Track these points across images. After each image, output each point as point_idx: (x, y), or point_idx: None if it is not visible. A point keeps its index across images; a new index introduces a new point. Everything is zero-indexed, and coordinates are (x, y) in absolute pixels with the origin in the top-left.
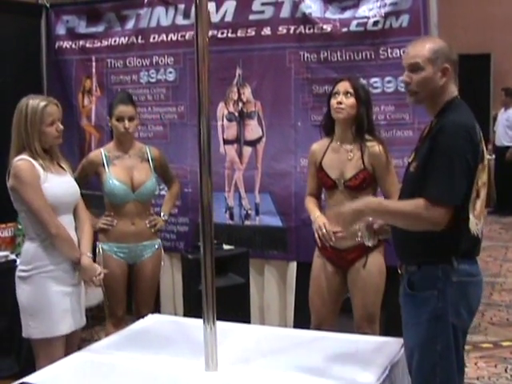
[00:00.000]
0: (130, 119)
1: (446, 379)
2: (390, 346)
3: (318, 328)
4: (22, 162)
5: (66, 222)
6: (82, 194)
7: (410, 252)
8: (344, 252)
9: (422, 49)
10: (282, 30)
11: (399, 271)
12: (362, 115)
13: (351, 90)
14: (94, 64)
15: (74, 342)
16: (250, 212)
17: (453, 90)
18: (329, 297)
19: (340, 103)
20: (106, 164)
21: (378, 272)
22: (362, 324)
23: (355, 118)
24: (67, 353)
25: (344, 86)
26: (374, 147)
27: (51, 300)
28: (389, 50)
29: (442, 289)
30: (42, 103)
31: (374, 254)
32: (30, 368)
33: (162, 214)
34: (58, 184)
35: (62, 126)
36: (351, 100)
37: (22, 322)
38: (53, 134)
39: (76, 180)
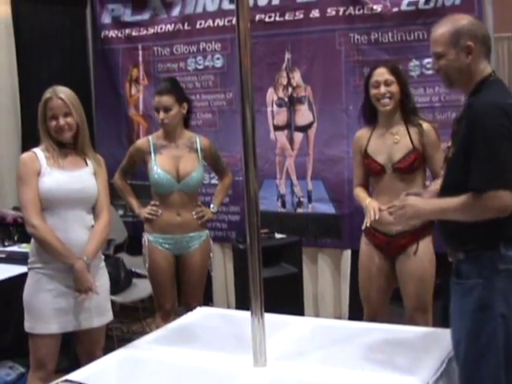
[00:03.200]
0: (166, 110)
1: (491, 373)
2: (447, 338)
3: (372, 319)
4: (25, 154)
5: (69, 218)
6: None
7: (457, 239)
8: (394, 238)
9: (441, 33)
10: (331, 11)
11: (449, 259)
12: (407, 99)
13: (391, 77)
14: (140, 52)
15: (91, 340)
16: (302, 199)
17: (483, 68)
18: (380, 285)
19: (384, 94)
20: (152, 152)
21: (429, 259)
22: (415, 314)
23: (399, 102)
24: (87, 351)
25: (382, 74)
26: (423, 126)
27: (42, 297)
28: None
29: (488, 277)
30: (46, 96)
31: (424, 240)
32: (78, 363)
33: (211, 206)
34: (58, 179)
35: (62, 122)
36: (393, 88)
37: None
38: (52, 129)
39: (124, 168)
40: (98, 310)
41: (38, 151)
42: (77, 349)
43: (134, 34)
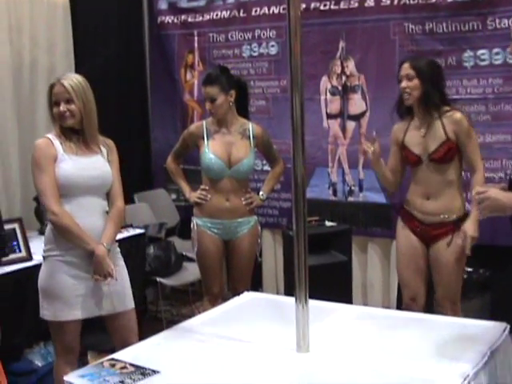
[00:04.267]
0: (212, 100)
1: None
2: (491, 331)
3: (413, 301)
4: (40, 140)
5: (86, 204)
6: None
7: None
8: (429, 227)
9: None
10: (386, 0)
11: None
12: (428, 92)
13: (411, 72)
14: (196, 38)
15: (121, 326)
16: (353, 188)
17: None
18: (418, 266)
19: (405, 88)
20: (205, 137)
21: (462, 253)
22: (445, 303)
23: (422, 96)
24: (120, 339)
25: (404, 69)
26: (454, 115)
27: (62, 284)
28: (497, 20)
29: None
30: (51, 82)
31: (457, 234)
32: None
33: (260, 193)
34: (75, 165)
35: (62, 108)
36: (414, 82)
37: (39, 302)
38: (56, 115)
39: (177, 152)
40: (119, 295)
41: (52, 137)
42: (112, 338)
43: (189, 20)
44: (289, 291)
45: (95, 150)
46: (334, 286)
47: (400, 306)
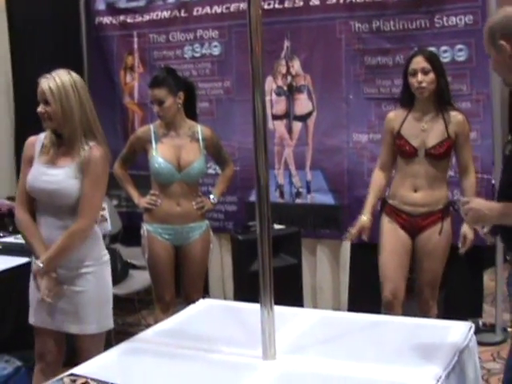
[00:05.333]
0: (160, 103)
1: None
2: (457, 331)
3: (391, 299)
4: (30, 138)
5: (43, 217)
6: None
7: None
8: (418, 218)
9: (484, 37)
10: None
11: (507, 257)
12: (443, 87)
13: (428, 65)
14: (135, 40)
15: (81, 347)
16: (301, 190)
17: None
18: (403, 261)
19: (421, 82)
20: (153, 141)
21: (448, 239)
22: (425, 289)
23: (436, 90)
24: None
25: (419, 62)
26: (458, 116)
27: (30, 288)
28: (444, 18)
29: None
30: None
31: (447, 220)
32: None
33: (211, 197)
34: (35, 174)
35: (40, 109)
36: (431, 76)
37: None
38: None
39: (124, 157)
40: (73, 317)
41: (42, 135)
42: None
43: (128, 20)
44: (238, 297)
45: (68, 161)
46: (284, 289)
47: (352, 307)
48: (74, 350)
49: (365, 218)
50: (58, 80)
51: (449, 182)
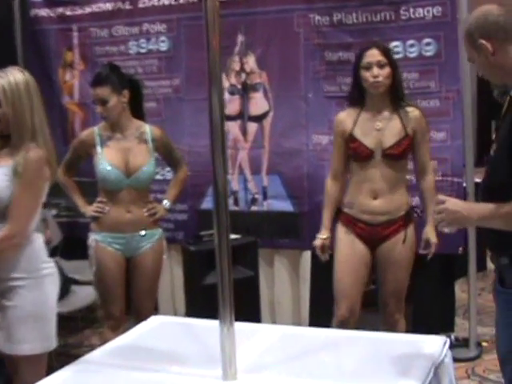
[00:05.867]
0: (103, 103)
1: None
2: (432, 345)
3: (348, 316)
4: None
5: None
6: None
7: (502, 241)
8: (379, 227)
9: (464, 39)
10: None
11: (492, 263)
12: (399, 82)
13: (383, 59)
14: (75, 34)
15: (13, 368)
16: (256, 196)
17: None
18: (361, 275)
19: (376, 77)
20: (98, 145)
21: (412, 248)
22: (390, 301)
23: (391, 86)
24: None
25: (374, 55)
26: (415, 112)
27: None
28: (411, 10)
29: None
30: None
31: (410, 227)
32: None
33: (164, 202)
34: None
35: None
36: (387, 70)
37: None
38: None
39: (67, 163)
40: (8, 334)
41: None
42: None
43: (68, 13)
44: (190, 313)
45: (9, 162)
46: (240, 303)
47: (313, 323)
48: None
49: (323, 237)
50: (12, 79)
51: (408, 186)
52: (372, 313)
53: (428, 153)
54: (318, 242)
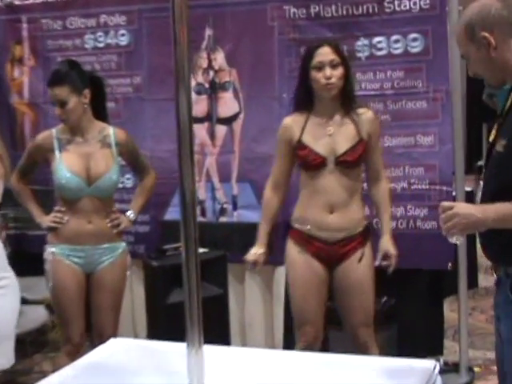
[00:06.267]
0: (62, 104)
1: None
2: (421, 370)
3: (313, 342)
4: None
5: None
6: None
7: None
8: (335, 245)
9: (458, 32)
10: None
11: (493, 274)
12: (352, 83)
13: (337, 58)
14: (24, 26)
15: None
16: (225, 206)
17: None
18: (322, 298)
19: (329, 78)
20: (57, 149)
21: (372, 267)
22: (360, 331)
23: (344, 87)
24: None
25: (326, 54)
26: (368, 113)
27: None
28: (396, 2)
29: None
30: None
31: (367, 246)
32: None
33: (128, 213)
34: None
35: None
36: (340, 71)
37: None
38: None
39: (22, 169)
40: None
41: None
42: None
43: (16, 2)
44: (153, 335)
45: None
46: (208, 324)
47: (288, 345)
48: None
49: (258, 253)
50: None
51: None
52: (333, 330)
53: (381, 158)
54: (250, 257)
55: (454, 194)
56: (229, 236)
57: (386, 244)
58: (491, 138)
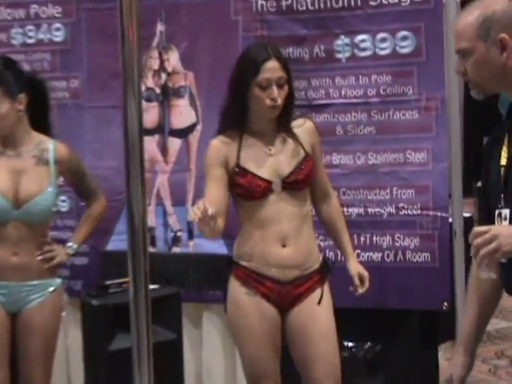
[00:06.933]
0: None
1: None
2: None
3: None
4: None
5: None
6: None
7: None
8: (289, 285)
9: (466, 24)
10: None
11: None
12: (293, 101)
13: (284, 75)
14: None
15: None
16: (179, 234)
17: None
18: (278, 349)
19: (276, 100)
20: None
21: (332, 309)
22: None
23: (285, 106)
24: None
25: (274, 70)
26: (307, 123)
27: None
28: None
29: None
30: None
31: (326, 285)
32: None
33: (68, 244)
34: None
35: None
36: (285, 90)
37: None
38: None
39: None
40: None
41: None
42: None
43: None
44: None
45: None
46: (159, 374)
47: None
48: None
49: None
50: None
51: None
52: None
53: (325, 170)
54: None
55: (450, 220)
56: (183, 270)
57: (357, 266)
58: (503, 162)
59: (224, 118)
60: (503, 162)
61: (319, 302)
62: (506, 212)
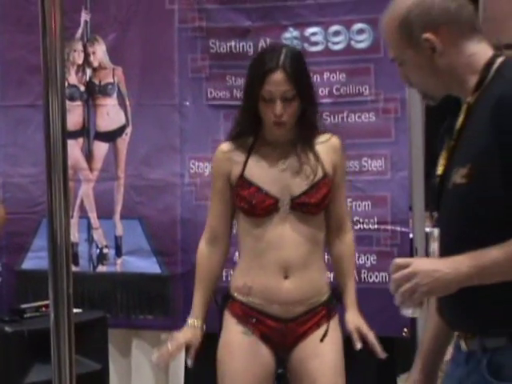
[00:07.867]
0: None
1: None
2: None
3: None
4: None
5: None
6: None
7: (493, 317)
8: (292, 323)
9: (389, 31)
10: None
11: (464, 346)
12: (307, 109)
13: (291, 89)
14: None
15: None
16: (106, 251)
17: (475, 52)
18: None
19: (280, 116)
20: None
21: (341, 345)
22: None
23: (301, 118)
24: None
25: (279, 83)
26: (332, 139)
27: None
28: None
29: None
30: None
31: (334, 320)
32: None
33: None
34: None
35: None
36: (294, 106)
37: None
38: None
39: None
40: None
41: None
42: None
43: None
44: None
45: None
46: None
47: None
48: None
49: (192, 330)
50: None
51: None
52: None
53: (346, 201)
54: (181, 339)
55: (411, 235)
56: (110, 291)
57: (355, 319)
58: (440, 170)
59: (236, 122)
60: (439, 170)
61: (322, 338)
62: (436, 232)
